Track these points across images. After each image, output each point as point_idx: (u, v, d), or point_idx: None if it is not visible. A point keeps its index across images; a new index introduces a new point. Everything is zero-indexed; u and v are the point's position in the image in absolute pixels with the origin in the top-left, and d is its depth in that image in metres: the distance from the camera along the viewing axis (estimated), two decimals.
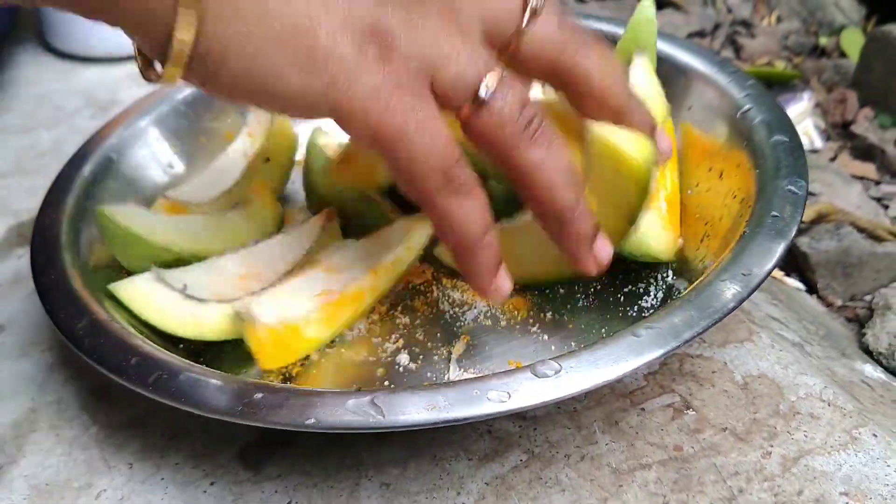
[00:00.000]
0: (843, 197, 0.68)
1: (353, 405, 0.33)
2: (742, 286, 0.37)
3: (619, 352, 0.34)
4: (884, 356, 0.52)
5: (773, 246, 0.39)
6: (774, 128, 0.46)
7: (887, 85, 0.82)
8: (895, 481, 0.37)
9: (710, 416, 0.40)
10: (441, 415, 0.33)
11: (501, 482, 0.38)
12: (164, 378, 0.36)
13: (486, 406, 0.33)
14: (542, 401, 0.33)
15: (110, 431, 0.42)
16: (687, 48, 0.55)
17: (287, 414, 0.33)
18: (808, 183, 0.43)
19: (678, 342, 0.35)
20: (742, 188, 0.45)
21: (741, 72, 0.52)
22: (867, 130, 0.79)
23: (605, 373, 0.34)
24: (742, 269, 0.38)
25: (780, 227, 0.40)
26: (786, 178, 0.42)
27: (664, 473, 0.38)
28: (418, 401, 0.33)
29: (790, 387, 0.41)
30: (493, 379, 0.34)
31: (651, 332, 0.35)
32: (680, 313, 0.36)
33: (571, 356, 0.35)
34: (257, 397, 0.34)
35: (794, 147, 0.45)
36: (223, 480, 0.39)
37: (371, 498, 0.38)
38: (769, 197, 0.42)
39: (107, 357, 0.38)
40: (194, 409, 0.34)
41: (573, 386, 0.33)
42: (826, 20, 1.07)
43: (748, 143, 0.47)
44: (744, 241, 0.40)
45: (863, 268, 0.59)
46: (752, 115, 0.48)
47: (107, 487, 0.39)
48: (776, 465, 0.38)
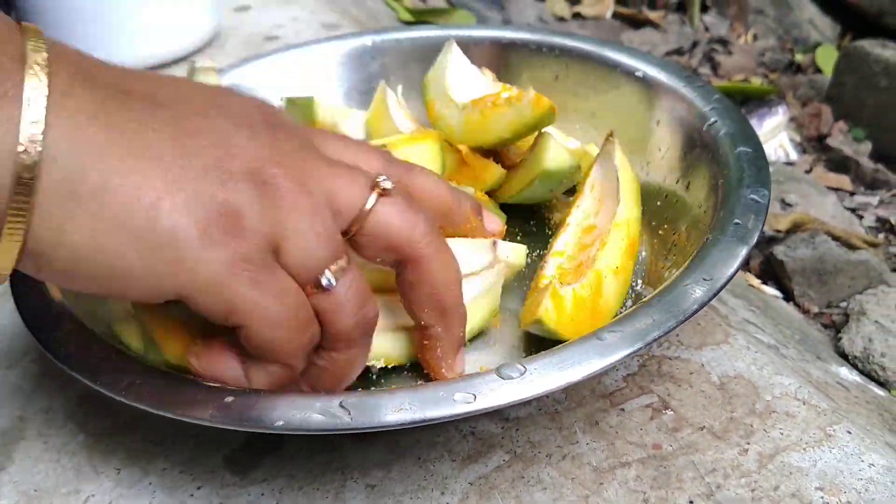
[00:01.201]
0: (819, 207, 0.70)
1: (321, 407, 0.34)
2: (705, 290, 0.38)
3: (583, 354, 0.35)
4: (859, 360, 0.53)
5: (735, 251, 0.40)
6: (739, 140, 0.48)
7: (860, 99, 0.84)
8: (869, 476, 0.38)
9: (687, 415, 0.41)
10: (408, 416, 0.33)
11: (485, 482, 0.39)
12: (136, 384, 0.36)
13: (453, 407, 0.34)
14: (506, 401, 0.34)
15: (98, 438, 0.42)
16: (654, 64, 0.57)
17: (257, 416, 0.34)
18: (771, 192, 0.44)
19: (640, 344, 0.35)
20: (708, 199, 0.47)
21: (708, 86, 0.53)
22: (841, 143, 0.81)
23: (569, 374, 0.35)
24: (704, 274, 0.39)
25: (741, 234, 0.40)
26: (749, 188, 0.43)
27: (644, 471, 0.38)
28: (386, 403, 0.34)
29: (766, 387, 0.42)
30: (459, 381, 0.35)
31: (614, 335, 0.36)
32: (643, 316, 0.37)
33: (536, 359, 0.35)
34: (228, 400, 0.35)
35: (757, 157, 0.46)
36: (210, 485, 0.40)
37: (356, 499, 0.38)
38: (732, 206, 0.43)
39: (81, 363, 0.38)
40: (166, 413, 0.35)
41: (537, 387, 0.34)
42: (801, 37, 1.10)
43: (713, 155, 0.48)
44: (707, 248, 0.40)
45: (838, 275, 0.60)
46: (718, 127, 0.49)
47: (95, 493, 0.40)
48: (753, 462, 0.38)
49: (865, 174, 0.76)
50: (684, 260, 0.43)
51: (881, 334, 0.54)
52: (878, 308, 0.56)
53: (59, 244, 0.30)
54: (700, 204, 0.47)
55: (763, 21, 1.13)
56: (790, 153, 0.79)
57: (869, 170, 0.76)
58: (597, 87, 0.59)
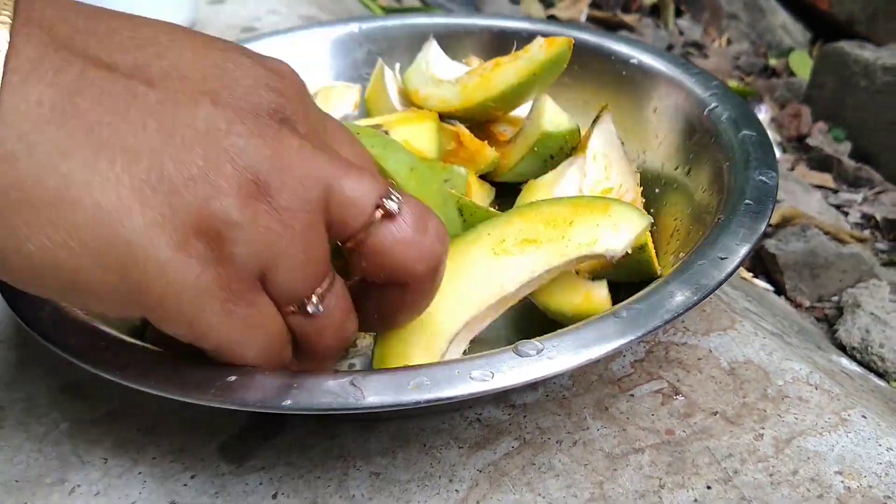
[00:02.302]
0: (805, 204, 0.70)
1: (333, 386, 0.32)
2: (723, 266, 0.37)
3: (602, 331, 0.34)
4: (857, 350, 0.53)
5: (750, 229, 0.39)
6: (742, 123, 0.47)
7: (839, 100, 0.84)
8: (888, 460, 0.37)
9: (699, 400, 0.40)
10: (425, 395, 0.31)
11: (494, 469, 0.37)
12: (134, 365, 0.34)
13: (470, 385, 0.32)
14: (525, 380, 0.32)
15: (83, 427, 0.40)
16: (650, 52, 0.56)
17: (263, 396, 0.32)
18: (778, 174, 0.43)
19: (660, 321, 0.34)
20: (712, 182, 0.46)
21: (705, 73, 0.53)
22: (822, 143, 0.81)
23: (589, 352, 0.33)
24: (720, 252, 0.38)
25: (754, 214, 0.40)
26: (756, 170, 0.43)
27: (658, 457, 0.37)
28: (401, 381, 0.32)
29: (776, 372, 0.41)
30: (476, 359, 0.33)
31: (633, 312, 0.35)
32: (661, 292, 0.36)
33: (554, 336, 0.34)
34: (231, 380, 0.33)
35: (762, 141, 0.46)
36: (204, 473, 0.37)
37: (360, 487, 0.37)
38: (741, 187, 0.42)
39: (76, 345, 0.36)
40: (167, 394, 0.32)
41: (556, 365, 0.33)
42: (774, 42, 1.11)
43: (716, 140, 0.47)
44: (719, 228, 0.40)
45: (829, 268, 0.60)
46: (719, 112, 0.49)
47: (81, 483, 0.37)
48: (769, 447, 0.38)
49: (848, 172, 0.76)
50: (688, 245, 0.42)
51: (878, 325, 0.53)
52: (872, 300, 0.56)
53: (14, 252, 0.26)
54: (705, 188, 0.46)
55: (737, 26, 1.14)
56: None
57: (851, 168, 0.76)
58: (591, 76, 0.58)
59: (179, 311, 0.28)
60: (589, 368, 0.42)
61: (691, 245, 0.41)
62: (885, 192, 0.74)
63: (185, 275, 0.27)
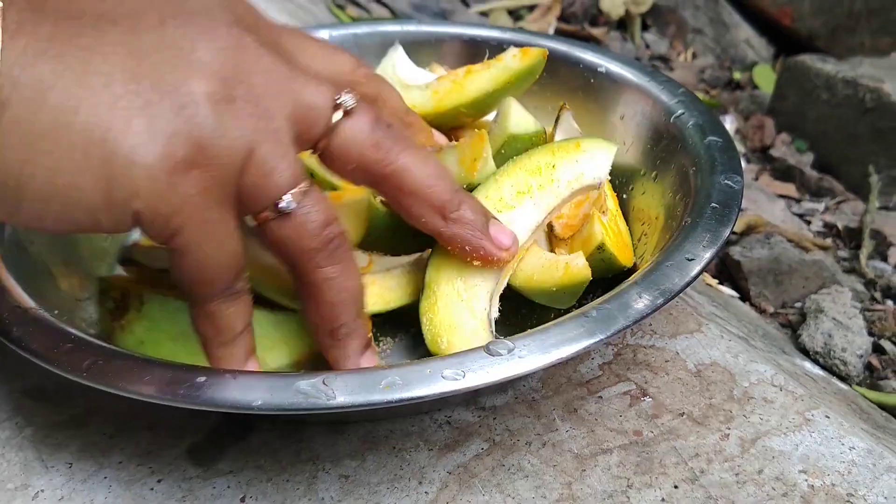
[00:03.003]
0: (769, 213, 0.71)
1: (303, 386, 0.32)
2: (690, 268, 0.37)
3: (572, 331, 0.34)
4: (820, 355, 0.54)
5: (715, 232, 0.39)
6: (707, 130, 0.48)
7: (802, 112, 0.86)
8: (850, 458, 0.37)
9: (666, 402, 0.40)
10: (396, 394, 0.32)
11: (464, 470, 0.37)
12: (99, 364, 0.33)
13: (442, 384, 0.32)
14: (496, 378, 0.32)
15: (47, 432, 0.39)
16: (617, 60, 0.57)
17: (232, 396, 0.32)
18: (743, 179, 0.44)
19: (629, 320, 0.35)
20: (678, 187, 0.47)
21: (672, 81, 0.54)
22: (785, 154, 0.82)
23: (559, 352, 0.33)
24: (687, 254, 0.38)
25: (720, 216, 0.40)
26: (722, 174, 0.44)
27: (626, 457, 0.38)
28: (372, 380, 0.32)
29: (742, 373, 0.42)
30: (447, 358, 0.33)
31: (603, 312, 0.35)
32: (630, 293, 0.36)
33: (525, 336, 0.34)
34: (200, 380, 0.32)
35: (727, 146, 0.46)
36: (171, 478, 0.37)
37: (329, 490, 0.36)
38: (708, 191, 0.43)
39: (37, 345, 0.35)
40: (134, 395, 0.32)
41: (527, 364, 0.33)
42: (738, 56, 1.12)
43: (682, 145, 0.48)
44: (687, 230, 0.40)
45: (793, 275, 0.61)
46: (685, 119, 0.49)
47: (45, 488, 0.37)
48: (735, 447, 0.38)
49: (810, 182, 0.78)
50: (655, 246, 0.43)
51: (840, 330, 0.54)
52: (834, 306, 0.57)
53: (25, 183, 0.29)
54: (672, 193, 0.46)
55: (701, 40, 1.16)
56: None
57: (813, 178, 0.78)
58: (559, 84, 0.58)
59: (161, 215, 0.31)
60: (558, 371, 0.42)
61: (659, 248, 0.41)
62: (845, 201, 0.76)
63: (169, 178, 0.30)
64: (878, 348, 0.58)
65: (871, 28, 1.03)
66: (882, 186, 0.74)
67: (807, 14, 1.10)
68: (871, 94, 0.77)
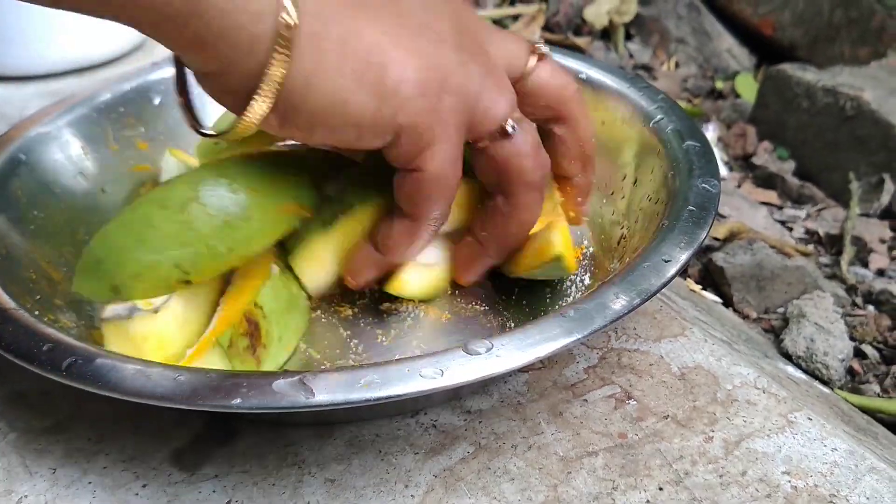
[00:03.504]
0: (751, 220, 0.72)
1: (281, 385, 0.32)
2: (666, 269, 0.38)
3: (550, 330, 0.35)
4: (802, 359, 0.54)
5: (692, 234, 0.40)
6: (686, 135, 0.48)
7: (783, 120, 0.86)
8: (833, 460, 0.38)
9: (651, 405, 0.41)
10: (375, 392, 0.32)
11: (450, 474, 0.37)
12: (78, 363, 0.33)
13: (420, 383, 0.32)
14: (474, 377, 0.33)
15: (30, 437, 0.39)
16: (597, 66, 0.57)
17: (211, 396, 0.32)
18: (721, 182, 0.44)
19: (606, 320, 0.35)
20: (657, 191, 0.47)
21: (651, 87, 0.54)
22: (767, 162, 0.83)
23: (536, 350, 0.34)
24: (664, 255, 0.39)
25: (696, 219, 0.41)
26: (699, 178, 0.44)
27: (611, 459, 0.38)
28: (350, 379, 0.32)
29: (725, 376, 0.42)
30: (425, 357, 0.33)
31: (580, 312, 0.35)
32: (607, 293, 0.37)
33: (503, 335, 0.34)
34: (180, 379, 0.32)
35: (705, 151, 0.47)
36: (156, 482, 0.37)
37: (315, 494, 0.36)
38: (685, 194, 0.43)
39: (16, 344, 0.35)
40: (112, 394, 0.32)
41: (505, 363, 0.33)
42: (721, 66, 1.13)
43: (662, 151, 0.48)
44: (664, 232, 0.41)
45: (775, 281, 0.62)
46: (664, 124, 0.50)
47: (28, 494, 0.36)
48: (719, 449, 0.38)
49: (792, 190, 0.78)
50: (635, 249, 0.43)
51: (822, 335, 0.55)
52: (816, 311, 0.57)
53: (308, 93, 0.34)
54: (651, 197, 0.47)
55: (684, 50, 1.17)
56: (721, 169, 0.81)
57: (795, 186, 0.78)
58: None
59: (417, 131, 0.37)
60: (543, 374, 0.42)
61: (637, 250, 0.42)
62: (826, 208, 0.76)
63: (426, 102, 0.36)
64: (860, 353, 0.58)
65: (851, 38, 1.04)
66: (862, 193, 0.75)
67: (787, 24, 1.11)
68: (852, 102, 0.78)
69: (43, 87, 0.77)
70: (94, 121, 0.55)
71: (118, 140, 0.56)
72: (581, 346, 0.44)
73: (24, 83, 0.79)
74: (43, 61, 0.79)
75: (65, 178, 0.52)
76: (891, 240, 0.72)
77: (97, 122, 0.55)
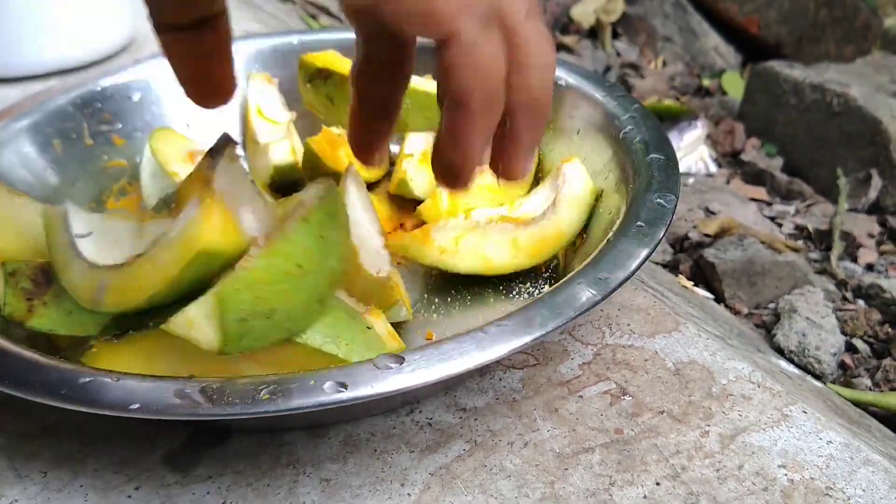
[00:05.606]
0: (741, 216, 0.72)
1: (180, 392, 0.32)
2: (598, 289, 0.37)
3: (465, 347, 0.34)
4: (795, 353, 0.54)
5: (633, 253, 0.39)
6: (652, 147, 0.47)
7: (771, 117, 0.87)
8: (829, 452, 0.38)
9: (646, 400, 0.41)
10: (273, 406, 0.31)
11: (446, 471, 0.37)
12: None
13: (321, 396, 0.32)
14: (379, 392, 0.32)
15: (20, 441, 0.39)
16: (576, 73, 0.56)
17: (111, 399, 0.32)
18: (679, 197, 0.43)
19: (523, 341, 0.34)
20: (617, 204, 0.46)
21: (627, 96, 0.53)
22: (755, 158, 0.83)
23: (447, 366, 0.33)
24: (600, 273, 0.38)
25: (642, 237, 0.40)
26: (656, 193, 0.43)
27: (608, 455, 0.38)
28: (252, 390, 0.32)
29: (720, 371, 0.42)
30: (333, 370, 0.33)
31: (499, 330, 0.35)
32: (531, 313, 0.36)
33: (417, 350, 0.34)
34: (83, 381, 0.32)
35: (668, 164, 0.45)
36: (149, 484, 0.37)
37: (311, 494, 0.36)
38: (637, 209, 0.42)
39: None
40: (15, 392, 0.33)
41: (414, 378, 0.33)
42: (707, 64, 1.14)
43: (626, 163, 0.48)
44: (606, 249, 0.40)
45: (766, 276, 0.62)
46: (633, 135, 0.49)
47: (18, 497, 0.36)
48: (715, 443, 0.38)
49: (780, 186, 0.79)
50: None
51: (814, 330, 0.55)
52: (807, 306, 0.57)
53: None
54: (611, 211, 0.46)
55: (671, 48, 1.17)
56: (710, 166, 0.81)
57: (784, 181, 0.79)
58: None
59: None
60: (538, 371, 0.42)
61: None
62: (815, 204, 0.77)
63: None
64: (851, 347, 0.58)
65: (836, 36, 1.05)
66: (850, 189, 0.75)
67: (773, 22, 1.12)
68: (839, 98, 0.78)
69: (28, 88, 0.77)
70: (70, 115, 0.55)
71: (94, 136, 0.56)
72: (575, 343, 0.44)
73: (10, 85, 0.78)
74: (28, 63, 0.79)
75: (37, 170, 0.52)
76: (879, 234, 0.72)
77: (72, 116, 0.55)
